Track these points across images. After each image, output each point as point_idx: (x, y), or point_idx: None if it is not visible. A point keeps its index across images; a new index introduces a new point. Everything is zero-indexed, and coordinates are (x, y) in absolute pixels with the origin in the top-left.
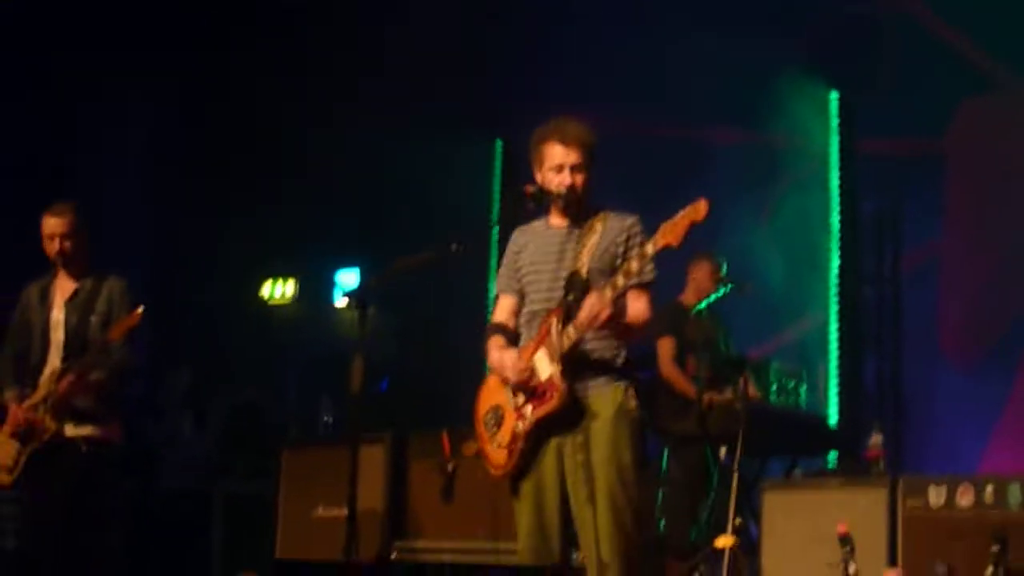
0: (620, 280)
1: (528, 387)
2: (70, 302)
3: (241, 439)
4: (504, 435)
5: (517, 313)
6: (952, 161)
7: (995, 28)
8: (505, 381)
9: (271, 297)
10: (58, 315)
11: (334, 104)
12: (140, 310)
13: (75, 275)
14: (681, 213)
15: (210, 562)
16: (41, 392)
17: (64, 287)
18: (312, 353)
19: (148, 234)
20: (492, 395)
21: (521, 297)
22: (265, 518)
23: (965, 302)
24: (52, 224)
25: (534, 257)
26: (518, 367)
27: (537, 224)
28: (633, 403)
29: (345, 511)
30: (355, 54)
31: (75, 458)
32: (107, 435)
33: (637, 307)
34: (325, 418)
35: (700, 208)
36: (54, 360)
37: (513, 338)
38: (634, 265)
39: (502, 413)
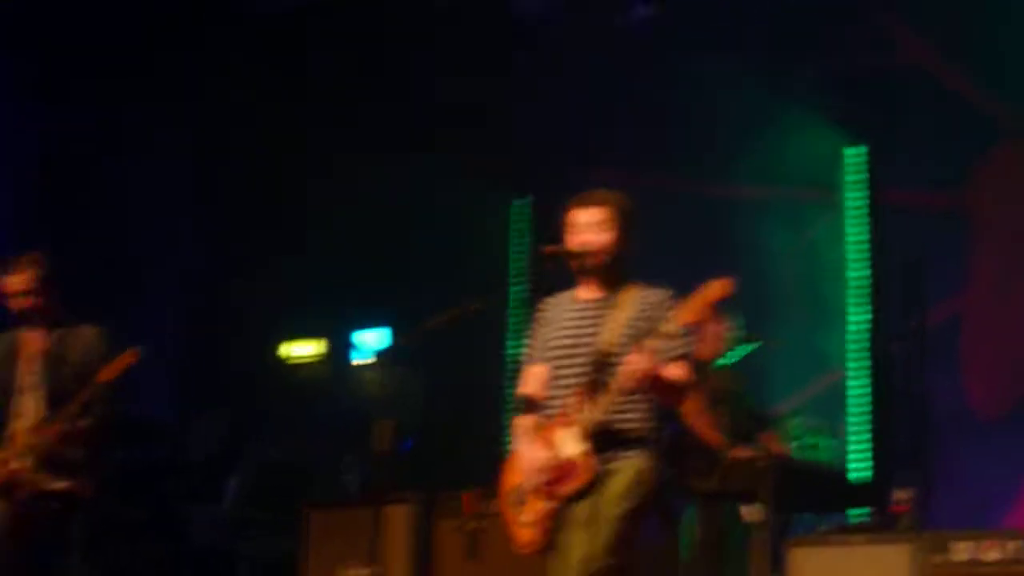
0: (654, 342)
1: (551, 467)
2: (46, 355)
3: (266, 497)
4: (528, 514)
5: (546, 383)
6: (974, 213)
7: (1010, 79)
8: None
9: (297, 356)
10: (31, 368)
11: (361, 161)
12: (135, 351)
13: (46, 327)
14: (704, 290)
15: None
16: (17, 446)
17: (33, 339)
18: (335, 411)
19: (177, 291)
20: (517, 474)
21: (548, 366)
22: None
23: (991, 356)
24: (15, 283)
25: (556, 329)
26: (533, 451)
27: (564, 295)
28: (652, 466)
29: (370, 571)
30: (382, 109)
31: (47, 513)
32: (80, 489)
33: (676, 370)
34: (347, 476)
35: (724, 286)
36: (28, 414)
37: (540, 409)
38: (653, 344)
39: (526, 493)
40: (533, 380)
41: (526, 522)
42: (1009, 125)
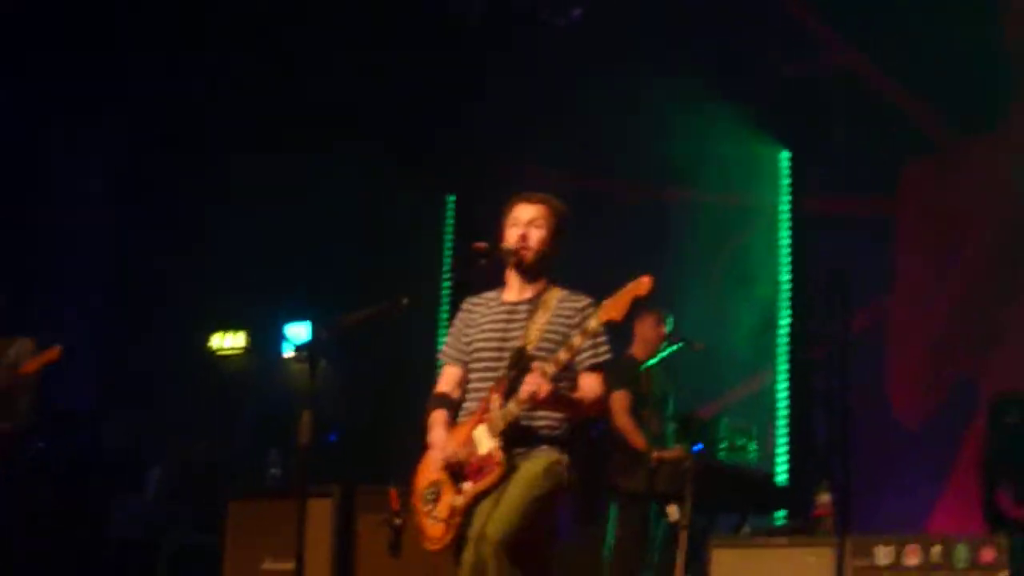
0: (563, 355)
1: (466, 462)
2: None
3: (189, 490)
4: (442, 510)
5: (462, 383)
6: (900, 221)
7: (939, 86)
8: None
9: (220, 348)
10: None
11: (287, 156)
12: (59, 348)
13: None
14: (624, 289)
15: None
16: None
17: None
18: (261, 405)
19: (99, 281)
20: (431, 470)
21: (467, 367)
22: (212, 570)
23: (913, 361)
24: None
25: (482, 329)
26: (448, 447)
27: (490, 295)
28: (563, 459)
29: (292, 564)
30: (312, 105)
31: None
32: None
33: (588, 383)
34: (272, 470)
35: (643, 284)
36: None
37: (455, 408)
38: (576, 340)
39: (440, 488)
40: (448, 380)
41: (438, 517)
42: (936, 134)
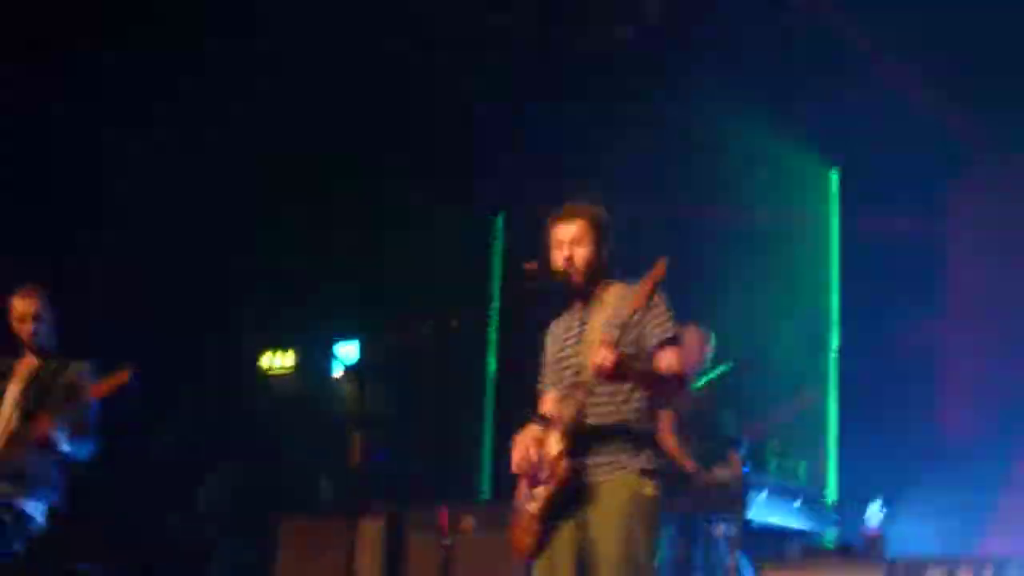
0: (615, 332)
1: (539, 468)
2: (33, 379)
3: (240, 509)
4: (525, 519)
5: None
6: (951, 237)
7: (986, 101)
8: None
9: (271, 368)
10: (16, 389)
11: (335, 174)
12: (129, 370)
13: (41, 354)
14: (644, 277)
15: None
16: None
17: (28, 364)
18: (312, 425)
19: (149, 298)
20: (523, 481)
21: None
22: None
23: (964, 379)
24: (21, 306)
25: (556, 345)
26: (522, 450)
27: (566, 315)
28: (650, 490)
29: None
30: (356, 125)
31: None
32: (24, 504)
33: (663, 358)
34: (323, 490)
35: (659, 268)
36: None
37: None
38: (622, 313)
39: (526, 498)
40: (548, 403)
41: (522, 527)
42: (984, 149)
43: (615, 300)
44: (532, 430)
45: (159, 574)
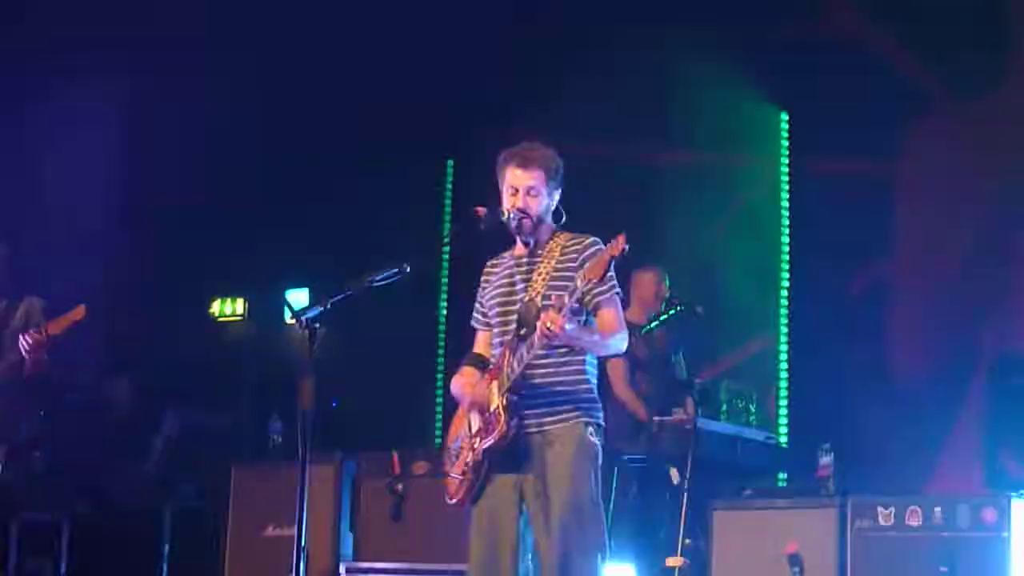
0: (565, 298)
1: (480, 419)
2: None
3: (190, 457)
4: (459, 466)
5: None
6: (900, 182)
7: (939, 45)
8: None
9: (221, 314)
10: None
11: (285, 120)
12: (83, 307)
13: None
14: (603, 250)
15: None
16: None
17: None
18: (262, 372)
19: (100, 247)
20: (459, 425)
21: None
22: (215, 537)
23: (914, 321)
24: None
25: (496, 289)
26: (468, 396)
27: (505, 255)
28: (594, 439)
29: (294, 530)
30: (311, 70)
31: None
32: None
33: (604, 319)
34: (274, 437)
35: (618, 243)
36: None
37: (486, 368)
38: (579, 283)
39: (462, 444)
40: (480, 343)
41: (455, 473)
42: (936, 93)
43: (561, 253)
44: (468, 372)
45: (111, 521)
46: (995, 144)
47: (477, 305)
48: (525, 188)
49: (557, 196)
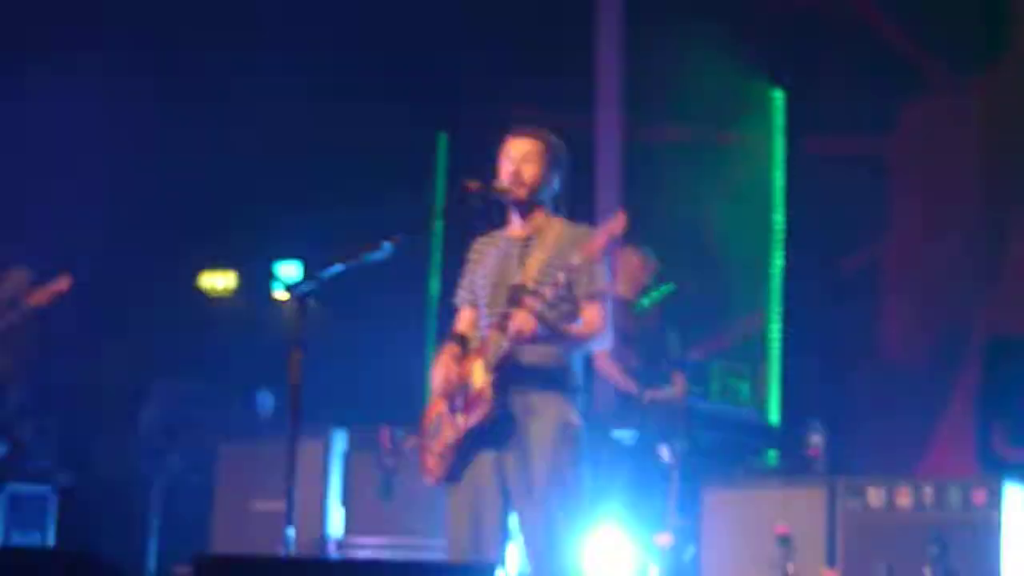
0: (548, 291)
1: (464, 398)
2: None
3: (180, 430)
4: (439, 444)
5: (477, 324)
6: (895, 160)
7: (935, 25)
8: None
9: (211, 288)
10: None
11: (278, 95)
12: (68, 278)
13: None
14: (601, 229)
15: (147, 554)
16: None
17: None
18: (252, 345)
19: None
20: (438, 403)
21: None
22: (204, 511)
23: (907, 301)
24: None
25: (487, 268)
26: (444, 377)
27: (497, 234)
28: (575, 417)
29: (282, 505)
30: (299, 47)
31: None
32: None
33: (587, 314)
34: (263, 411)
35: (618, 220)
36: None
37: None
38: (560, 276)
39: (442, 422)
40: (463, 321)
41: (435, 451)
42: (932, 73)
43: (558, 241)
44: (451, 349)
45: (99, 493)
46: (991, 123)
47: (464, 282)
48: (521, 155)
49: (557, 181)
